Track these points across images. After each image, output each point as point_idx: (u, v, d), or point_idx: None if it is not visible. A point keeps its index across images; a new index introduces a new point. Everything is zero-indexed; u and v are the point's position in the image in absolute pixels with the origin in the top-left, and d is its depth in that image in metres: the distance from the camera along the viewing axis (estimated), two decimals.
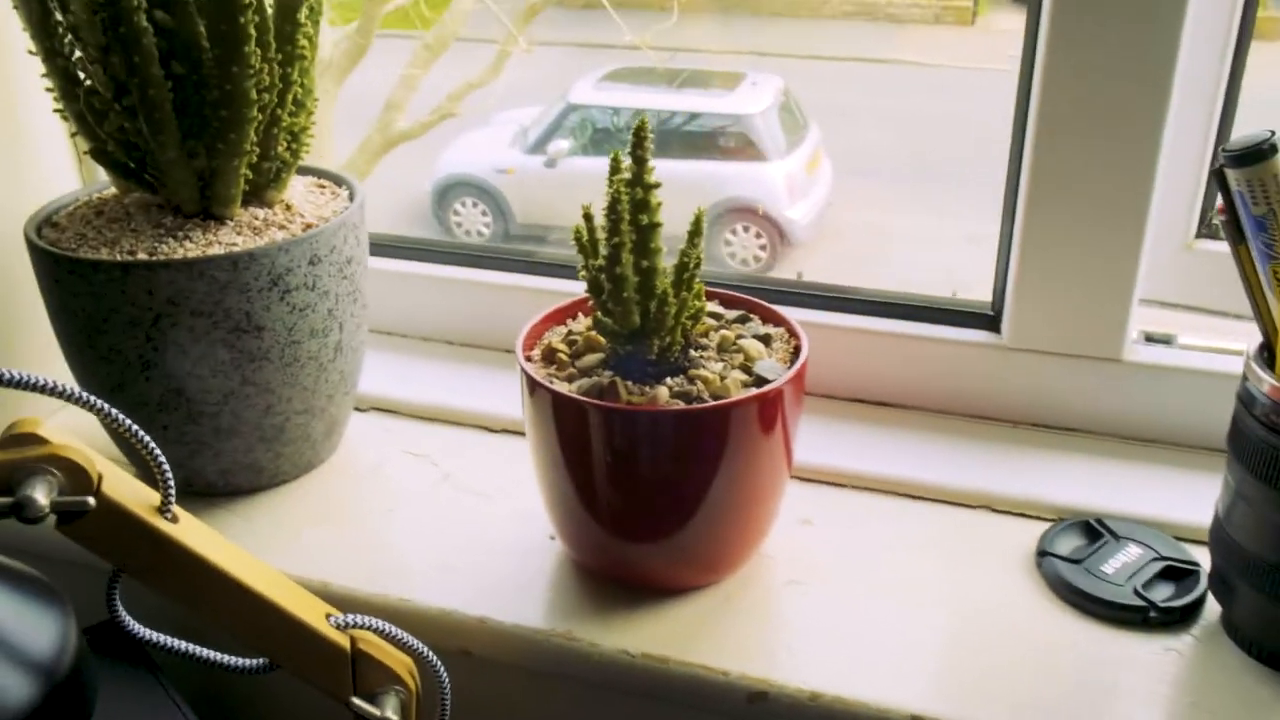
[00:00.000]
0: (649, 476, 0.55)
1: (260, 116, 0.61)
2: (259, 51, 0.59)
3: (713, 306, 0.63)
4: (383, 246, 0.86)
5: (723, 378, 0.56)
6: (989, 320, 0.73)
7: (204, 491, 0.68)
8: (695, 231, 0.56)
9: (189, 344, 0.61)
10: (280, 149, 0.65)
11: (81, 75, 0.62)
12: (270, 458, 0.67)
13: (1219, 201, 0.51)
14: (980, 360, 0.72)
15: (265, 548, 0.64)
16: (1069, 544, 0.62)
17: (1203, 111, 0.69)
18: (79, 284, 0.60)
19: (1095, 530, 0.62)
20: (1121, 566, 0.59)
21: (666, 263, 0.55)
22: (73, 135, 0.66)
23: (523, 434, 0.65)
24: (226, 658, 0.50)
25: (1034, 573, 0.61)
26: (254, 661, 0.50)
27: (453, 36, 2.15)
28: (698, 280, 0.56)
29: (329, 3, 0.70)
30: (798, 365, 0.56)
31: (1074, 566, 0.59)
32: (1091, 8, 0.62)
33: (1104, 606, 0.57)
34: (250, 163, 0.63)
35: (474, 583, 0.61)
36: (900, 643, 0.56)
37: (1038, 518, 0.65)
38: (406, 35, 2.22)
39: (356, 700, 0.49)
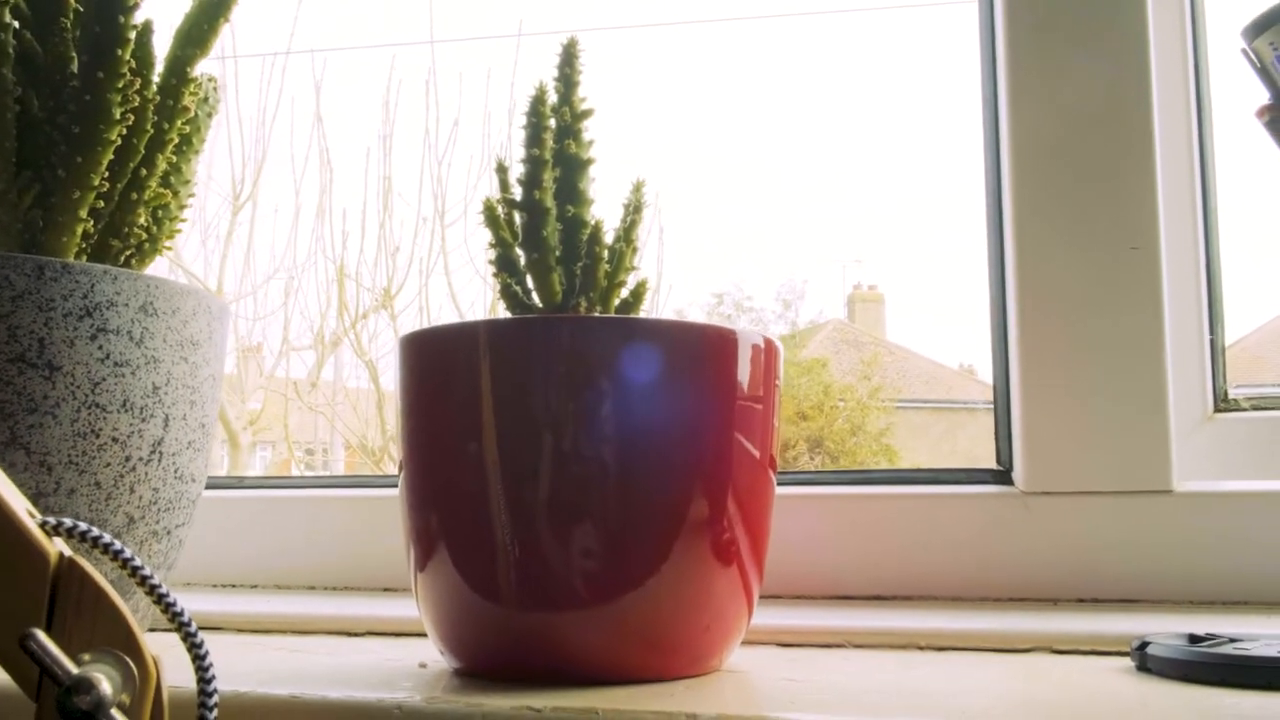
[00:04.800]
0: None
1: (118, 142, 0.52)
2: (133, 64, 0.52)
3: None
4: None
5: None
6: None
7: None
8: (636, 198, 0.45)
9: None
10: (141, 221, 0.55)
11: None
12: None
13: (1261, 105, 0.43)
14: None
15: None
16: None
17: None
18: None
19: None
20: None
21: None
22: None
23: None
24: None
25: None
26: None
27: None
28: (636, 235, 0.44)
29: None
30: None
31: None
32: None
33: None
34: (95, 209, 0.52)
35: None
36: None
37: None
38: None
39: (39, 634, 0.27)
